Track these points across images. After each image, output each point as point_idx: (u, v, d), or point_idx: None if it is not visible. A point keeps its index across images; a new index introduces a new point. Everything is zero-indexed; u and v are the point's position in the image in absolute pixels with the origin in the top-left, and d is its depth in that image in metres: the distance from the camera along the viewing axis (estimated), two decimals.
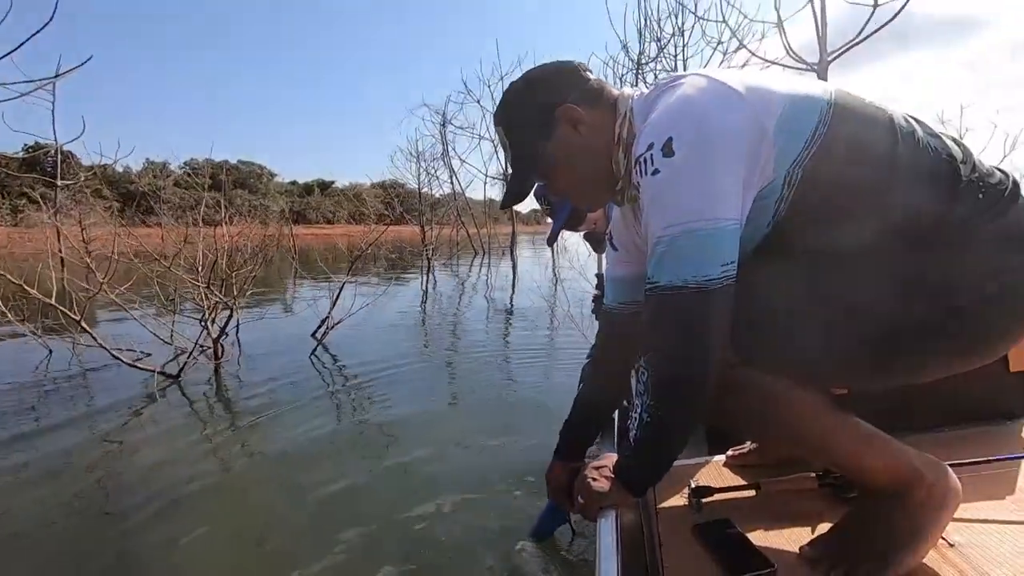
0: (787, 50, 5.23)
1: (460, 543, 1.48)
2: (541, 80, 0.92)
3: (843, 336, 0.76)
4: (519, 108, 0.92)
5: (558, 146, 0.89)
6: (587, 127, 0.88)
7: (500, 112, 0.95)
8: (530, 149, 0.91)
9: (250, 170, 49.46)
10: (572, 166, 0.91)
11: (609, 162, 0.89)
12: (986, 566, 0.75)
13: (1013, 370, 1.16)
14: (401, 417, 2.55)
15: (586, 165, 0.91)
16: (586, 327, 3.90)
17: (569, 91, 0.89)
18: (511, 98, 0.93)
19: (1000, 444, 1.08)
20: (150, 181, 30.17)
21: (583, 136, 0.88)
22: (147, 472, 1.97)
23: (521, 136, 0.92)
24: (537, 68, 0.94)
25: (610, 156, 0.89)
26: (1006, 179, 0.77)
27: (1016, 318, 0.76)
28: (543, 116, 0.89)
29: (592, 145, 0.89)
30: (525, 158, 0.92)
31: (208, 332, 3.41)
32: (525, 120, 0.91)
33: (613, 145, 0.88)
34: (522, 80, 0.94)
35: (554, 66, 0.93)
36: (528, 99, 0.91)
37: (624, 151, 0.87)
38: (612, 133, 0.88)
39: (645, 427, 0.80)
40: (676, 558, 0.85)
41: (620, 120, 0.87)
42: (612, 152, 0.89)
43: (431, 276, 10.22)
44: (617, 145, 0.88)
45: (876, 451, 0.78)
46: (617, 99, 0.90)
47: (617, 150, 0.88)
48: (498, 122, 0.95)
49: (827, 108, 0.74)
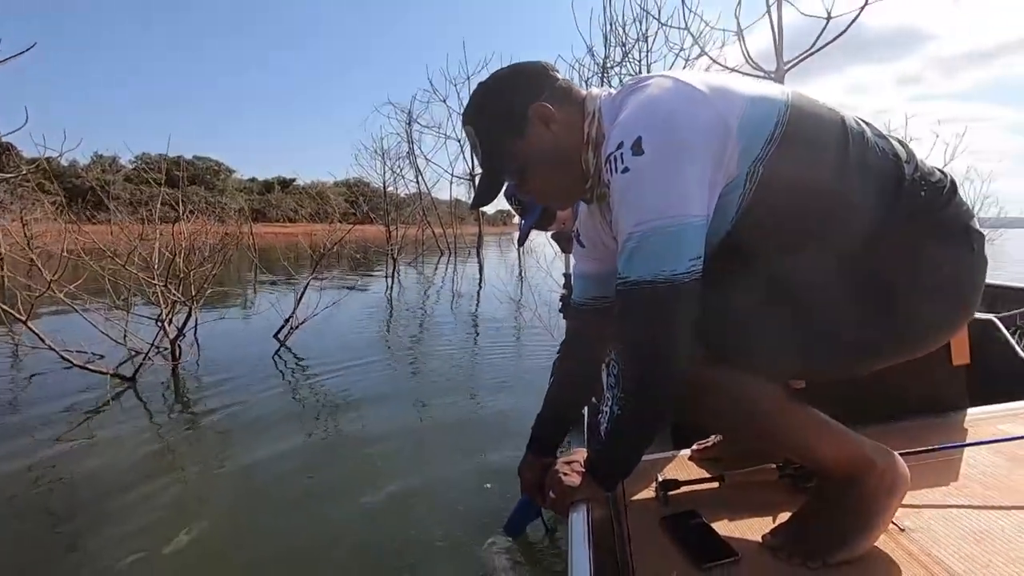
0: (746, 58, 5.39)
1: (431, 537, 1.48)
2: (512, 79, 0.92)
3: (797, 330, 0.79)
4: (490, 107, 0.92)
5: (530, 144, 0.90)
6: (558, 125, 0.89)
7: (470, 111, 0.94)
8: (502, 148, 0.91)
9: (206, 166, 47.82)
10: (544, 165, 0.91)
11: (579, 161, 0.90)
12: (934, 549, 0.80)
13: (955, 364, 1.23)
14: (366, 416, 2.52)
15: (557, 164, 0.91)
16: (552, 325, 3.94)
17: (540, 90, 0.89)
18: (482, 97, 0.93)
19: (944, 434, 1.14)
20: (98, 176, 28.78)
21: (554, 135, 0.89)
22: (99, 478, 1.88)
23: (492, 135, 0.92)
24: (507, 68, 0.94)
25: (580, 155, 0.90)
26: (944, 179, 0.82)
27: (954, 307, 0.82)
28: (515, 115, 0.89)
29: (563, 144, 0.89)
30: (496, 157, 0.92)
31: (165, 332, 3.28)
32: (497, 118, 0.91)
33: (583, 144, 0.89)
34: (492, 79, 0.94)
35: (524, 66, 0.93)
36: (499, 98, 0.92)
37: (593, 150, 0.89)
38: (582, 132, 0.89)
39: (617, 419, 0.81)
40: (645, 550, 0.86)
41: (589, 120, 0.89)
42: (582, 151, 0.90)
43: (396, 276, 10.11)
44: (586, 144, 0.89)
45: (831, 440, 0.82)
46: (585, 99, 0.91)
47: (586, 149, 0.89)
48: (468, 121, 0.95)
49: (784, 109, 0.78)
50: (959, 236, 0.80)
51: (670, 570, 0.79)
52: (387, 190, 18.43)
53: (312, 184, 43.66)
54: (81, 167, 33.69)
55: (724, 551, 0.83)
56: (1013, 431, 1.13)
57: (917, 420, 1.23)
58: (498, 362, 3.50)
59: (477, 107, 0.93)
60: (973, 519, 0.86)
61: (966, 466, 1.03)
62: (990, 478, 0.98)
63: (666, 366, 0.78)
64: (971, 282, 0.82)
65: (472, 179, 17.25)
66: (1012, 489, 0.94)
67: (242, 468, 1.96)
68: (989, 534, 0.82)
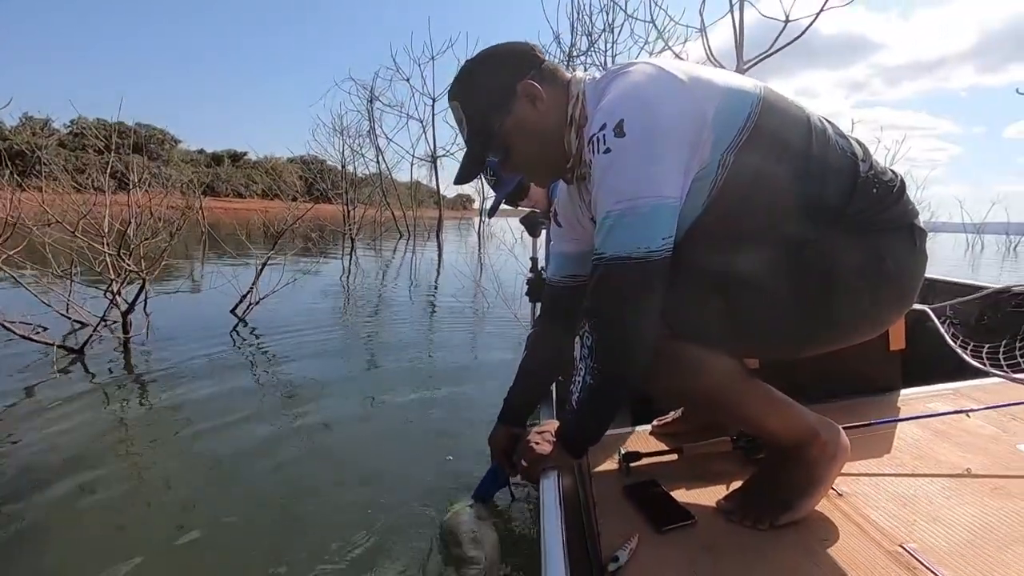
0: (708, 55, 5.54)
1: (395, 505, 1.51)
2: (500, 57, 0.94)
3: (756, 313, 0.85)
4: (478, 83, 0.94)
5: (515, 121, 0.92)
6: (544, 104, 0.91)
7: (457, 87, 0.96)
8: (488, 124, 0.93)
9: (150, 134, 45.24)
10: (528, 142, 0.94)
11: (562, 141, 0.93)
12: (867, 511, 0.89)
13: (892, 349, 1.34)
14: (327, 388, 2.52)
15: (541, 142, 0.94)
16: (517, 308, 3.97)
17: (528, 68, 0.92)
18: (469, 74, 0.95)
19: (880, 411, 1.26)
20: (28, 139, 26.76)
21: (540, 113, 0.92)
22: (46, 454, 1.82)
23: (479, 111, 0.94)
24: (494, 46, 0.96)
25: (563, 135, 0.93)
26: (895, 178, 0.89)
27: (899, 296, 0.89)
28: (503, 91, 0.91)
29: (548, 122, 0.92)
30: (482, 133, 0.94)
31: (116, 305, 3.14)
32: (484, 95, 0.93)
33: (566, 125, 0.92)
34: (480, 56, 0.95)
35: (512, 45, 0.95)
36: (488, 74, 0.93)
37: (576, 132, 0.92)
38: (565, 113, 0.92)
39: (588, 388, 0.86)
40: (609, 515, 0.92)
41: (573, 102, 0.91)
42: (565, 131, 0.92)
43: (353, 257, 9.92)
44: (569, 126, 0.92)
45: (780, 413, 0.89)
46: (570, 81, 0.94)
47: (569, 130, 0.92)
48: (454, 96, 0.96)
49: (756, 102, 0.82)
50: (904, 232, 0.87)
51: (633, 533, 0.85)
52: (345, 168, 17.94)
53: (265, 159, 42.03)
54: (8, 129, 31.27)
55: (682, 515, 0.89)
56: (939, 408, 1.25)
57: (857, 398, 1.34)
58: (457, 343, 3.53)
59: (464, 83, 0.95)
60: (901, 485, 0.96)
61: (898, 439, 1.14)
62: (917, 450, 1.09)
63: (635, 337, 0.82)
64: (911, 275, 0.89)
65: (434, 161, 17.05)
66: (935, 459, 1.05)
67: (197, 443, 1.93)
68: (914, 498, 0.92)
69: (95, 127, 14.77)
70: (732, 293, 0.85)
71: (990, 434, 1.15)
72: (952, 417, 1.21)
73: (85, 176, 4.14)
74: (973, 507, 0.88)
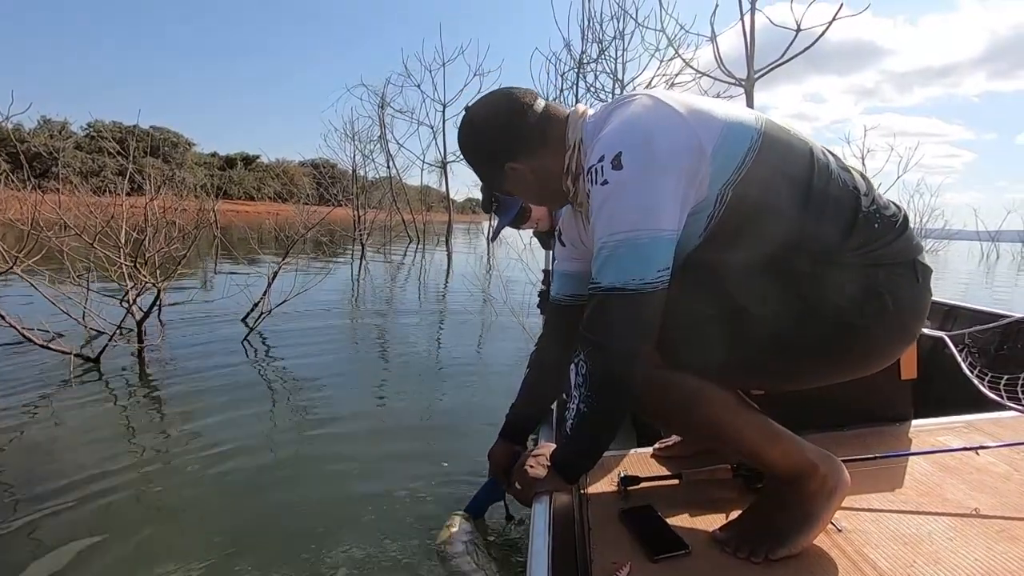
0: (718, 63, 5.53)
1: (393, 512, 1.55)
2: (485, 132, 0.97)
3: (753, 345, 0.85)
4: (471, 150, 1.01)
5: (511, 185, 1.00)
6: (535, 173, 0.96)
7: (459, 141, 1.03)
8: (489, 179, 1.03)
9: (165, 137, 45.80)
10: (526, 193, 1.03)
11: (560, 187, 0.98)
12: (866, 549, 0.87)
13: (904, 378, 1.30)
14: (335, 400, 2.55)
15: (539, 195, 1.03)
16: (524, 319, 3.97)
17: (512, 146, 0.95)
18: (463, 139, 1.01)
19: (889, 443, 1.22)
20: (46, 141, 27.16)
21: (533, 178, 0.97)
22: (59, 463, 1.84)
23: (479, 169, 1.03)
24: (481, 111, 0.98)
25: (560, 183, 0.97)
26: (898, 212, 0.88)
27: (900, 332, 0.88)
28: (492, 165, 0.98)
29: (542, 181, 0.98)
30: (486, 181, 1.05)
31: (131, 314, 3.17)
32: (479, 160, 1.01)
33: (563, 175, 0.96)
34: (469, 126, 0.99)
35: (497, 110, 0.96)
36: (477, 147, 1.00)
37: (573, 181, 0.96)
38: (561, 167, 0.95)
39: (581, 416, 0.86)
40: (603, 541, 0.91)
41: (570, 153, 0.94)
42: (562, 180, 0.97)
43: (363, 262, 9.97)
44: (566, 175, 0.95)
45: (777, 444, 0.88)
46: (567, 128, 0.95)
47: (566, 179, 0.96)
48: (459, 148, 1.03)
49: (757, 137, 0.82)
50: (905, 268, 0.86)
51: (625, 560, 0.84)
52: (356, 173, 18.05)
53: (277, 162, 42.41)
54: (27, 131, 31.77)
55: (676, 544, 0.88)
56: (950, 442, 1.21)
57: (866, 429, 1.30)
58: (465, 353, 3.53)
59: (462, 144, 1.02)
60: (904, 523, 0.94)
61: (904, 474, 1.10)
62: (924, 486, 1.05)
63: (629, 367, 0.83)
64: (912, 311, 0.87)
65: (444, 166, 17.15)
66: (943, 498, 1.01)
67: (211, 453, 1.94)
68: (917, 537, 0.89)
69: (111, 130, 14.94)
70: (727, 325, 0.85)
71: (1002, 472, 1.10)
72: (963, 453, 1.16)
73: (100, 179, 4.18)
74: (978, 550, 0.85)
